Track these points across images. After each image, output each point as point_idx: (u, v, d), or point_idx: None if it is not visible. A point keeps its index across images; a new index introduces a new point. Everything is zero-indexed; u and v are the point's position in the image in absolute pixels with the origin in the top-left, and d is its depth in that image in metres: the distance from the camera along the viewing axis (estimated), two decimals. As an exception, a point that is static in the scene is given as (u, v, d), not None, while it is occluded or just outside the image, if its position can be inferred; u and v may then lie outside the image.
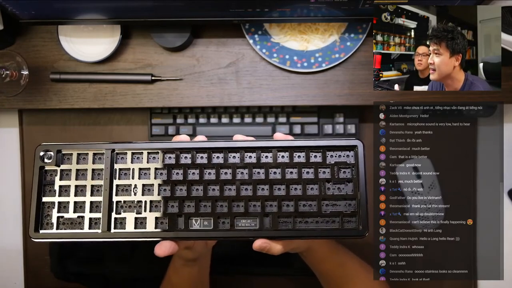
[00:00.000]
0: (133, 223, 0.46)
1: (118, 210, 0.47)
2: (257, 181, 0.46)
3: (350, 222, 0.46)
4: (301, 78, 0.69)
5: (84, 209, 0.46)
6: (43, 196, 0.46)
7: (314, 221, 0.46)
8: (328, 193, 0.46)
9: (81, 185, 0.46)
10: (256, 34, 0.67)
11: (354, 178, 0.46)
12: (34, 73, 0.70)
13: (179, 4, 0.57)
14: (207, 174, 0.46)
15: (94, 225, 0.46)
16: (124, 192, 0.47)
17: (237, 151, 0.46)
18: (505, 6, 0.56)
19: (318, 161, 0.46)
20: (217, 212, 0.46)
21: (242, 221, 0.46)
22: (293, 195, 0.46)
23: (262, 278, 0.77)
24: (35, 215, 0.46)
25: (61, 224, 0.46)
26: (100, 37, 0.68)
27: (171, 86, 0.69)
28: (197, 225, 0.46)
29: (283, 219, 0.46)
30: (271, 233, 0.45)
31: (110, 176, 0.46)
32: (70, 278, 0.73)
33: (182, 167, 0.46)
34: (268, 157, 0.46)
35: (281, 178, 0.46)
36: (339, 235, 0.46)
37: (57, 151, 0.46)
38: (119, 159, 0.47)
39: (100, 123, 0.77)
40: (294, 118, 0.73)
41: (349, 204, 0.46)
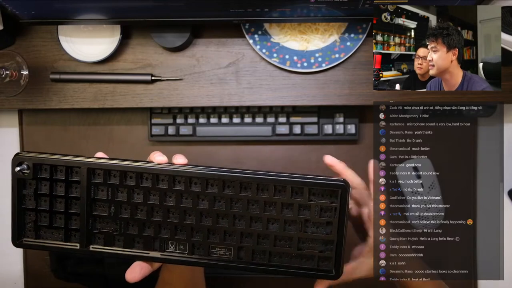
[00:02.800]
0: (110, 240, 0.46)
1: (95, 226, 0.46)
2: (234, 213, 0.44)
3: (325, 264, 0.45)
4: (301, 78, 0.69)
5: (62, 221, 0.45)
6: (23, 206, 0.45)
7: (289, 258, 0.45)
8: (306, 232, 0.44)
9: (59, 196, 0.45)
10: (256, 34, 0.67)
11: (335, 220, 0.44)
12: (34, 73, 0.70)
13: (179, 4, 0.57)
14: (185, 200, 0.44)
15: (73, 238, 0.46)
16: (101, 208, 0.45)
17: (216, 183, 0.44)
18: (505, 6, 0.56)
19: (299, 199, 0.43)
20: (193, 239, 0.45)
21: (217, 249, 0.45)
22: (270, 231, 0.44)
23: (262, 278, 0.77)
24: (17, 224, 0.45)
25: (42, 233, 0.46)
26: (100, 37, 0.68)
27: (171, 86, 0.69)
28: (172, 248, 0.46)
29: (259, 255, 0.45)
30: (245, 265, 0.45)
31: (87, 191, 0.44)
32: (70, 278, 0.73)
33: (158, 191, 0.44)
34: (247, 190, 0.44)
35: (258, 213, 0.44)
36: (312, 276, 0.45)
37: (33, 164, 0.44)
38: (96, 176, 0.45)
39: (100, 123, 0.77)
40: (294, 118, 0.73)
41: (325, 246, 0.45)
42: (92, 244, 0.46)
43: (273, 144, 0.76)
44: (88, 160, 0.44)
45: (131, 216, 0.45)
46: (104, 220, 0.45)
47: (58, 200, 0.45)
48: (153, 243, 0.46)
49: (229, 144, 0.76)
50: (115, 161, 0.44)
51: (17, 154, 0.44)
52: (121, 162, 0.44)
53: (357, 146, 0.75)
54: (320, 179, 0.43)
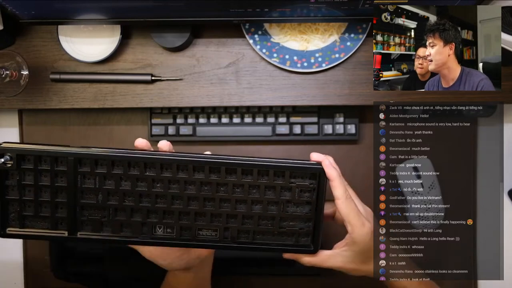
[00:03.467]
0: (98, 227, 0.47)
1: (83, 214, 0.46)
2: (220, 197, 0.47)
3: (304, 239, 0.49)
4: (301, 78, 0.69)
5: (48, 209, 0.46)
6: (6, 196, 0.46)
7: (271, 236, 0.48)
8: (287, 212, 0.48)
9: (44, 186, 0.46)
10: (256, 34, 0.67)
11: (313, 199, 0.47)
12: (34, 73, 0.70)
13: (179, 4, 0.57)
14: (172, 186, 0.46)
15: (60, 226, 0.47)
16: (88, 196, 0.46)
17: (202, 169, 0.46)
18: (505, 6, 0.56)
19: (281, 182, 0.47)
20: (181, 222, 0.47)
21: (204, 231, 0.48)
22: (254, 212, 0.47)
23: (262, 278, 0.77)
24: (0, 215, 0.46)
25: (27, 223, 0.47)
26: (100, 37, 0.68)
27: (171, 86, 0.69)
28: (160, 231, 0.47)
29: (243, 234, 0.48)
30: (230, 244, 0.48)
31: (74, 179, 0.45)
32: (70, 278, 0.73)
33: (146, 178, 0.46)
34: (232, 175, 0.46)
35: (243, 196, 0.47)
36: (293, 251, 0.49)
37: (17, 155, 0.44)
38: (83, 165, 0.45)
39: (100, 123, 0.77)
40: (294, 118, 0.73)
41: (305, 223, 0.48)
42: (80, 231, 0.47)
43: (273, 144, 0.76)
44: (73, 150, 0.45)
45: (119, 203, 0.46)
46: (91, 207, 0.46)
47: (44, 189, 0.46)
48: (141, 228, 0.47)
49: (229, 144, 0.76)
50: (102, 150, 0.45)
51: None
52: (108, 151, 0.45)
53: (357, 146, 0.75)
54: (300, 163, 0.47)
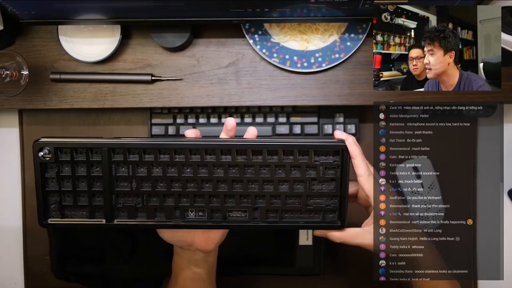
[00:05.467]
0: (133, 213, 0.49)
1: (118, 201, 0.49)
2: (247, 178, 0.48)
3: (331, 216, 0.50)
4: (301, 78, 0.69)
5: (86, 199, 0.49)
6: (47, 188, 0.48)
7: (299, 214, 0.50)
8: (313, 189, 0.49)
9: (81, 177, 0.48)
10: (256, 34, 0.67)
11: (338, 176, 0.49)
12: (34, 73, 0.70)
13: (179, 4, 0.57)
14: (201, 170, 0.48)
15: (97, 214, 0.49)
16: (123, 184, 0.49)
17: (229, 152, 0.48)
18: (505, 6, 0.56)
19: (306, 161, 0.48)
20: (211, 205, 0.49)
21: (233, 212, 0.50)
22: (281, 191, 0.49)
23: (262, 278, 0.77)
24: (42, 206, 0.48)
25: (67, 213, 0.49)
26: (100, 37, 0.68)
27: (171, 86, 0.69)
28: (192, 215, 0.50)
29: (271, 213, 0.50)
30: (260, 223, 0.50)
31: (109, 169, 0.48)
32: (70, 278, 0.73)
33: (176, 164, 0.48)
34: (258, 157, 0.48)
35: (270, 176, 0.49)
36: (321, 227, 0.51)
37: (55, 149, 0.47)
38: (116, 154, 0.48)
39: (100, 123, 0.77)
40: (294, 118, 0.73)
41: (330, 200, 0.50)
42: (116, 218, 0.49)
43: (273, 144, 0.76)
44: (107, 141, 0.48)
45: (152, 189, 0.49)
46: (126, 195, 0.49)
47: (81, 180, 0.49)
48: (174, 212, 0.49)
49: (229, 144, 0.76)
50: (134, 139, 0.48)
51: (37, 140, 0.47)
52: (140, 140, 0.48)
53: (357, 146, 0.75)
54: (323, 142, 0.49)
